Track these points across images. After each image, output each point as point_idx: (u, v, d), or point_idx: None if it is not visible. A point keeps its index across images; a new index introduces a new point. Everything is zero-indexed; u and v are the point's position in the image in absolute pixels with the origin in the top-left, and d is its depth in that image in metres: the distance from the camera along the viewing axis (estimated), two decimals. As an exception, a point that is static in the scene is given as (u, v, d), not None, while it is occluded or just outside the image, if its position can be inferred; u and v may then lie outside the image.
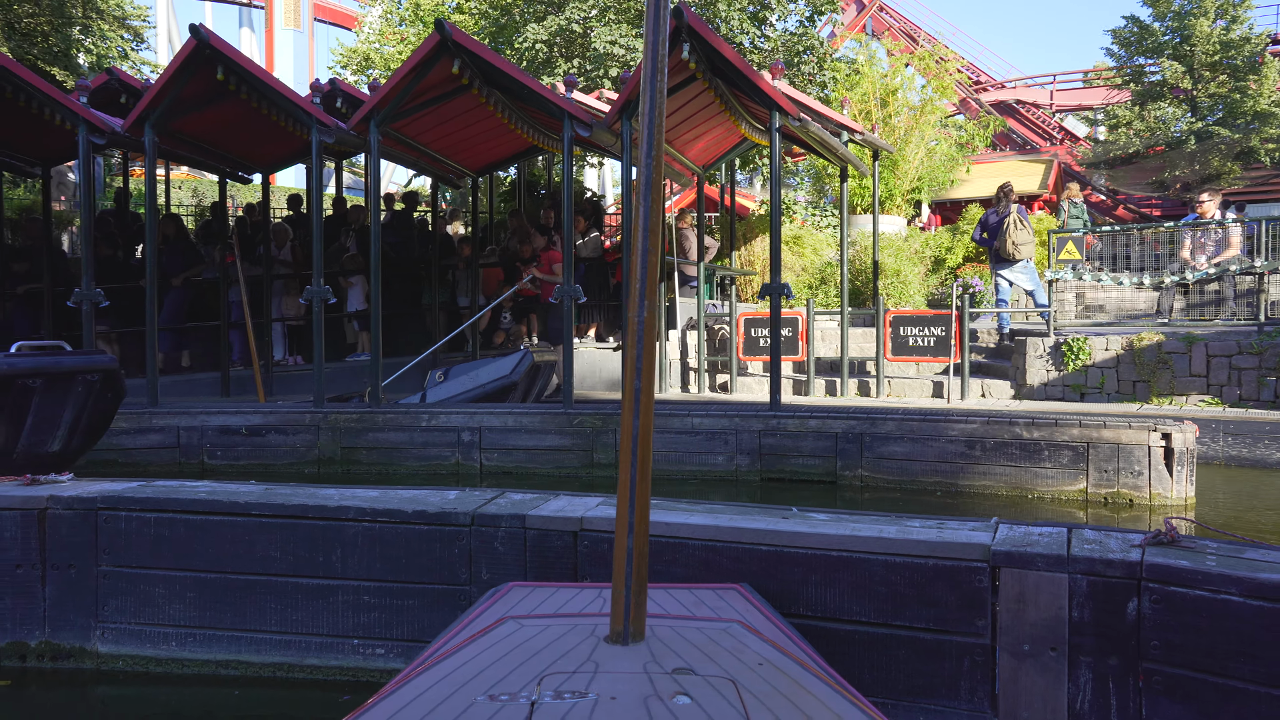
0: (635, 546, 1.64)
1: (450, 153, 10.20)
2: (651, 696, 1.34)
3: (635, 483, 1.65)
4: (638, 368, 1.70)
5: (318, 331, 8.15)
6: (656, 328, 2.04)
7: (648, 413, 1.67)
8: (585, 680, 1.39)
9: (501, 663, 1.46)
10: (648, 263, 1.74)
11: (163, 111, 7.82)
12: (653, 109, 1.81)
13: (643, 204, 1.74)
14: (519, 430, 7.84)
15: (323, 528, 3.26)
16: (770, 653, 1.64)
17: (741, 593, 2.23)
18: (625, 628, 1.60)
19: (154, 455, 7.97)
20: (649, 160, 1.75)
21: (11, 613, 3.45)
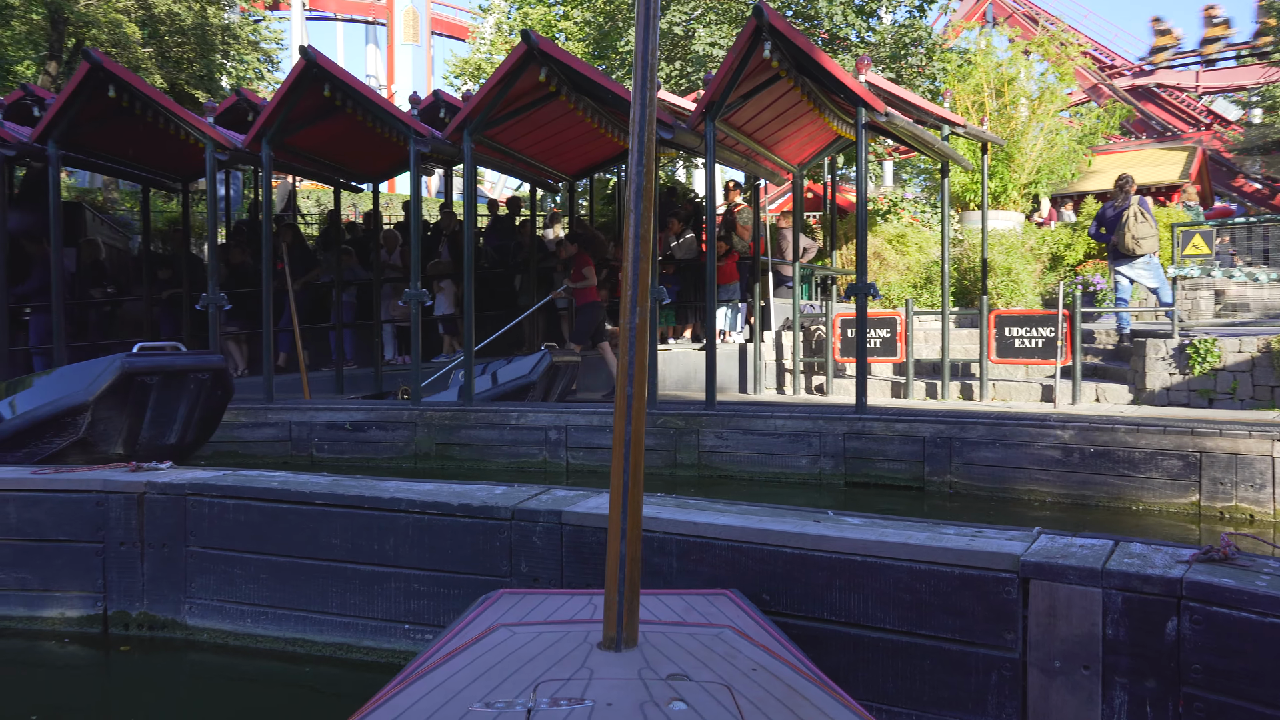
0: (628, 552, 1.66)
1: (546, 158, 10.47)
2: (648, 703, 1.34)
3: (627, 488, 1.66)
4: (630, 373, 1.69)
5: (415, 332, 8.55)
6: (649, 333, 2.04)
7: (640, 417, 1.67)
8: (580, 687, 1.40)
9: (495, 670, 1.47)
10: (639, 270, 1.75)
11: (277, 128, 8.40)
12: (644, 115, 1.81)
13: (633, 212, 1.76)
14: (604, 430, 7.97)
15: (378, 518, 3.46)
16: (763, 657, 1.64)
17: (732, 598, 2.24)
18: (619, 634, 1.60)
19: (268, 448, 8.55)
20: (639, 168, 1.76)
21: (117, 585, 3.82)
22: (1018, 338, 10.06)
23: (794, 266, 11.05)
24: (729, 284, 11.62)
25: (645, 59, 1.83)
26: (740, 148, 9.29)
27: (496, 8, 21.87)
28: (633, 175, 1.75)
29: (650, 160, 1.76)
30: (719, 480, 7.61)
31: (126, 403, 5.93)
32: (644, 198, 1.74)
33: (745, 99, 8.01)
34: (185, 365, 6.19)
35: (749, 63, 7.36)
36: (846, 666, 2.72)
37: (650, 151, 1.76)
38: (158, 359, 6.03)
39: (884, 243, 13.65)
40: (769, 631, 1.98)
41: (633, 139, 1.79)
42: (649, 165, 1.74)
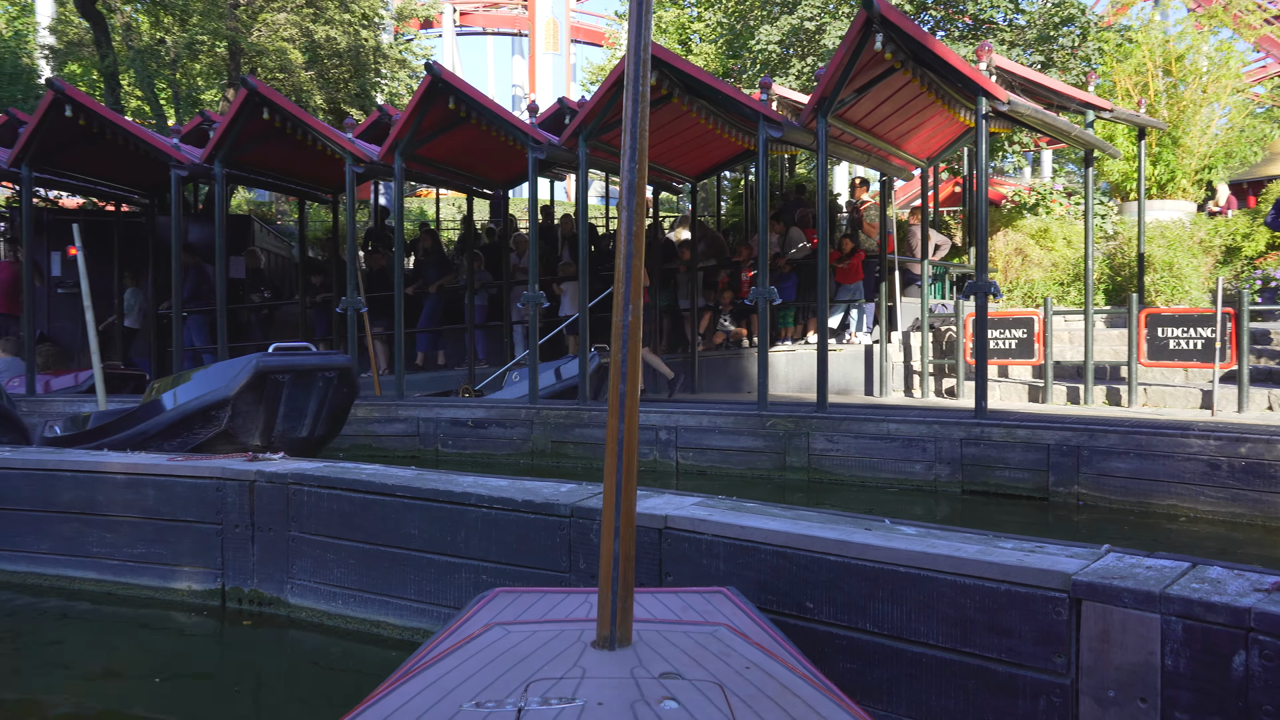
0: (621, 550, 1.67)
1: (665, 160, 10.56)
2: (639, 701, 1.34)
3: (620, 488, 1.67)
4: (623, 371, 1.69)
5: (533, 332, 8.85)
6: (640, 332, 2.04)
7: (632, 416, 1.68)
8: (572, 686, 1.40)
9: (488, 669, 1.48)
10: (632, 266, 1.75)
11: (408, 140, 8.92)
12: (635, 115, 1.80)
13: (626, 210, 1.76)
14: (712, 431, 7.96)
15: (451, 510, 3.64)
16: (757, 656, 1.63)
17: (728, 596, 2.21)
18: (612, 632, 1.60)
19: (398, 442, 9.10)
20: (632, 166, 1.75)
21: (233, 563, 4.21)
22: (1172, 339, 9.22)
23: (923, 264, 10.61)
24: (854, 283, 11.31)
25: (638, 55, 1.81)
26: (860, 143, 9.02)
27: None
28: (625, 173, 1.74)
29: (643, 157, 1.75)
30: (829, 485, 7.44)
31: (262, 398, 6.44)
32: (636, 194, 1.74)
33: (860, 93, 7.78)
34: (314, 364, 6.67)
35: (861, 56, 7.15)
36: (889, 681, 2.62)
37: (643, 149, 1.75)
38: (289, 359, 6.53)
39: (1026, 238, 12.84)
40: (765, 630, 1.95)
41: (625, 136, 1.78)
42: (641, 163, 1.74)
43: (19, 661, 3.88)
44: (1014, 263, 12.87)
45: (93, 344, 7.90)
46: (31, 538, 4.63)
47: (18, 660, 3.89)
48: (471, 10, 33.47)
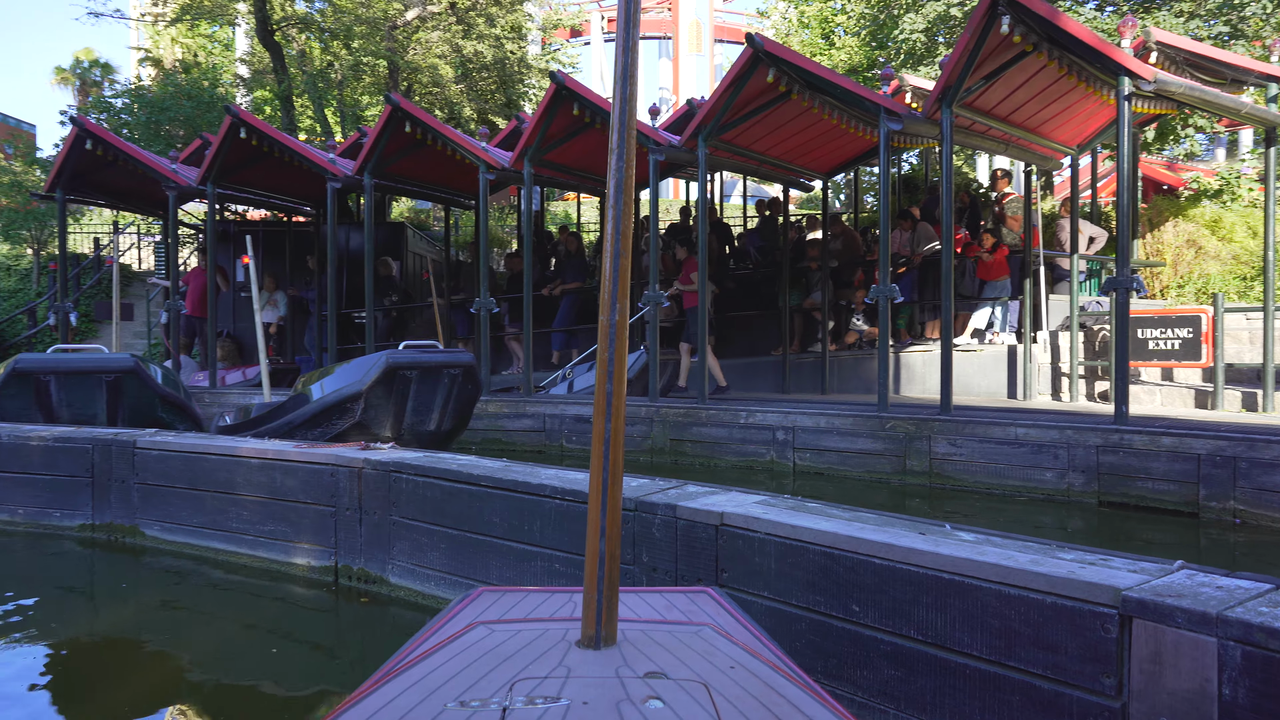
0: (607, 549, 1.66)
1: (793, 157, 10.41)
2: (624, 701, 1.33)
3: (607, 486, 1.67)
4: (610, 370, 1.69)
5: (652, 331, 8.97)
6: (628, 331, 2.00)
7: (619, 415, 1.68)
8: (557, 685, 1.39)
9: (472, 668, 1.47)
10: (619, 266, 1.73)
11: (536, 146, 9.28)
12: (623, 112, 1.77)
13: (613, 208, 1.75)
14: (830, 432, 7.80)
15: (528, 501, 3.79)
16: (741, 655, 1.62)
17: (712, 595, 2.19)
18: (597, 632, 1.59)
19: (525, 437, 9.48)
20: (620, 164, 1.73)
21: (343, 543, 4.57)
22: (1372, 339, 8.16)
23: (1072, 259, 9.90)
24: (997, 280, 10.72)
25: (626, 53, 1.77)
26: (996, 133, 8.55)
27: (774, 9, 21.96)
28: (612, 171, 1.73)
29: (630, 155, 1.73)
30: (950, 492, 7.11)
31: (392, 392, 6.90)
32: (624, 193, 1.73)
33: (990, 80, 7.38)
34: (439, 362, 7.07)
35: (987, 41, 6.80)
36: (932, 691, 2.53)
37: (631, 147, 1.73)
38: (416, 356, 6.96)
39: (1199, 228, 11.69)
40: (749, 629, 1.94)
41: (613, 134, 1.77)
42: (629, 160, 1.72)
43: (172, 614, 4.39)
44: (1185, 255, 11.76)
45: (260, 342, 8.73)
46: (186, 512, 5.21)
47: (171, 614, 4.40)
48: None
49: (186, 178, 10.77)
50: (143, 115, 15.25)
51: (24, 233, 16.54)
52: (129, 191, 12.30)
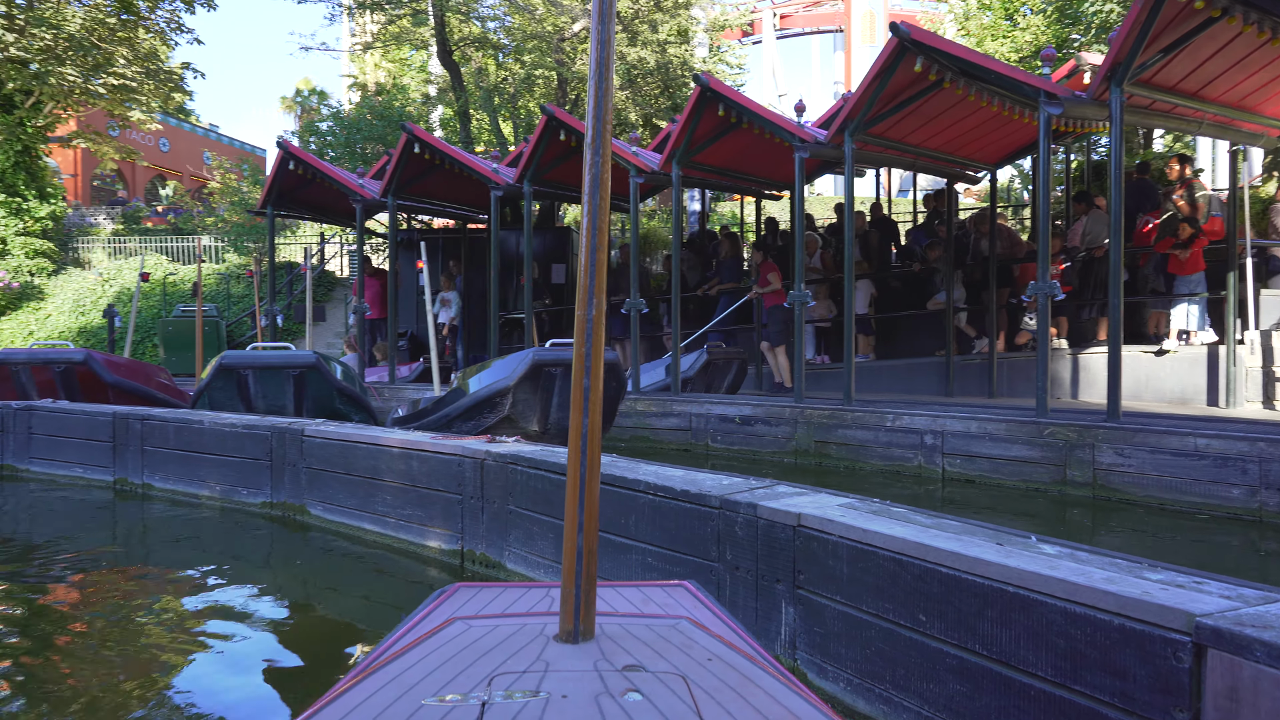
0: (585, 544, 1.67)
1: (954, 148, 9.90)
2: (603, 694, 1.33)
3: (585, 480, 1.69)
4: (586, 365, 1.69)
5: (797, 330, 8.84)
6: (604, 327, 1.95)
7: (596, 411, 1.69)
8: (536, 680, 1.39)
9: (450, 664, 1.46)
10: (596, 260, 1.72)
11: (683, 149, 9.40)
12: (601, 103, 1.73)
13: (591, 201, 1.71)
14: (982, 437, 7.38)
15: (625, 495, 3.90)
16: (719, 648, 1.61)
17: (689, 589, 2.15)
18: (575, 626, 1.59)
19: (672, 436, 9.61)
20: (596, 158, 1.70)
21: (468, 529, 4.89)
22: None
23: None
24: (1194, 274, 9.69)
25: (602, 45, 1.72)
26: (1182, 111, 7.72)
27: (951, -6, 20.87)
28: (588, 164, 1.70)
29: (606, 151, 1.71)
30: (1116, 506, 6.53)
31: (538, 388, 7.22)
32: (600, 188, 1.70)
33: (1169, 52, 6.69)
34: None
35: (1163, 10, 6.17)
36: (997, 710, 2.38)
37: (606, 142, 1.71)
38: (561, 353, 7.24)
39: None
40: (725, 622, 1.92)
41: (589, 125, 1.75)
42: (605, 154, 1.71)
43: (326, 585, 4.88)
44: None
45: (431, 340, 9.43)
46: (342, 494, 5.75)
47: (326, 584, 4.89)
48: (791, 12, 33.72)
49: (371, 191, 11.79)
50: (341, 135, 16.85)
51: (249, 244, 18.71)
52: (327, 206, 13.63)
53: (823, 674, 3.00)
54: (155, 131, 30.12)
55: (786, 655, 3.16)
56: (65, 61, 18.84)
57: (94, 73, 19.34)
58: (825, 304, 12.47)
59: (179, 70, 22.13)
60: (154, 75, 20.56)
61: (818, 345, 12.94)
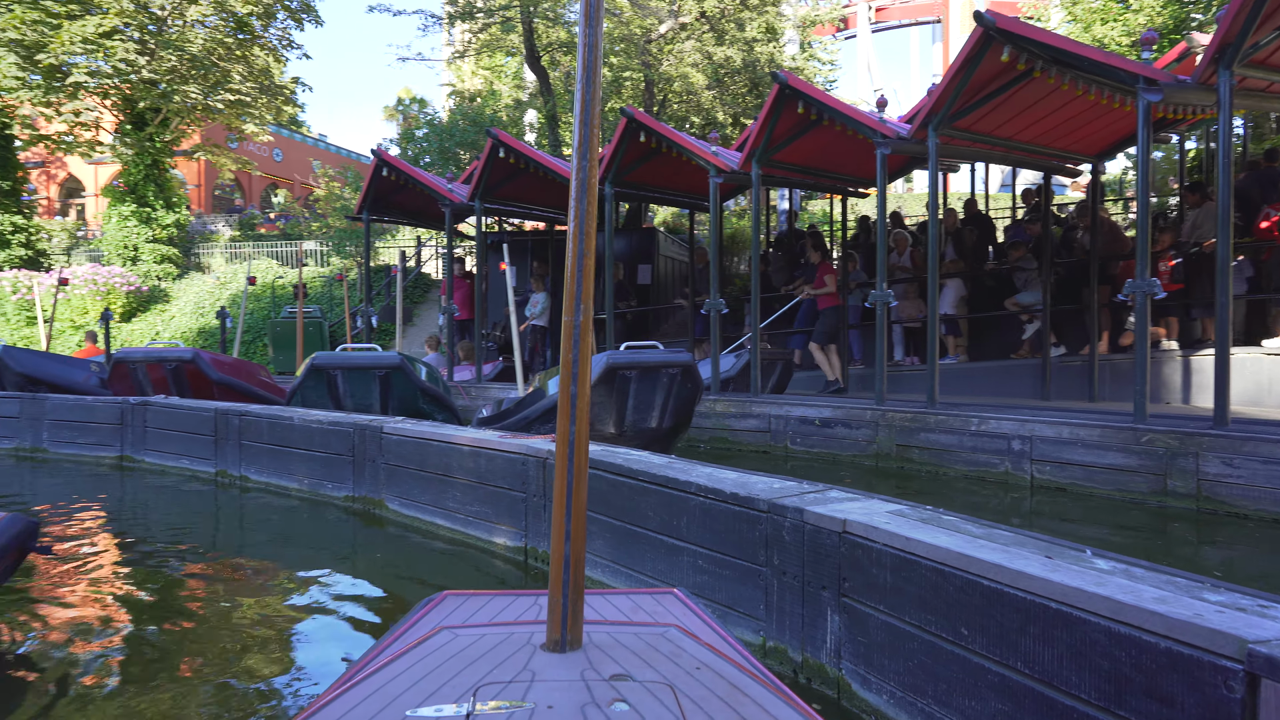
0: (572, 552, 1.67)
1: (1050, 140, 9.43)
2: (589, 704, 1.33)
3: (572, 489, 1.69)
4: (574, 372, 1.69)
5: (880, 332, 8.60)
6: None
7: (583, 417, 1.69)
8: (522, 690, 1.38)
9: (436, 674, 1.45)
10: (584, 265, 1.72)
11: (763, 148, 9.28)
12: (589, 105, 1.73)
13: (579, 204, 1.71)
14: (1074, 443, 7.03)
15: (676, 497, 3.88)
16: (707, 656, 1.60)
17: (678, 596, 2.09)
18: (563, 635, 1.59)
19: (751, 438, 9.51)
20: (584, 161, 1.70)
21: (531, 527, 4.97)
22: None
23: None
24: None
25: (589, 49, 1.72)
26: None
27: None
28: (576, 167, 1.70)
29: (594, 153, 1.70)
30: (1223, 519, 6.09)
31: (613, 391, 7.26)
32: (588, 192, 1.71)
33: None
34: (658, 361, 7.30)
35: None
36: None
37: (594, 144, 1.70)
38: (635, 356, 7.25)
39: None
40: (715, 630, 1.87)
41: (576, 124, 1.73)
42: (592, 158, 1.70)
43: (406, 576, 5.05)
44: None
45: (515, 341, 9.62)
46: (417, 490, 5.94)
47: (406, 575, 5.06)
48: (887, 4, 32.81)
49: (460, 195, 12.12)
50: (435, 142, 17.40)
51: (350, 248, 19.54)
52: (419, 210, 14.10)
53: (866, 685, 2.92)
54: (269, 142, 31.84)
55: (832, 664, 3.08)
56: (189, 80, 20.12)
57: (213, 90, 20.59)
58: (914, 304, 12.10)
59: (290, 85, 23.32)
60: (266, 90, 21.71)
61: (906, 347, 12.57)
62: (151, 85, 20.29)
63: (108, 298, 20.30)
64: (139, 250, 22.12)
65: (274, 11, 21.23)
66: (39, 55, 18.78)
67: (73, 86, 19.69)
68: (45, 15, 18.88)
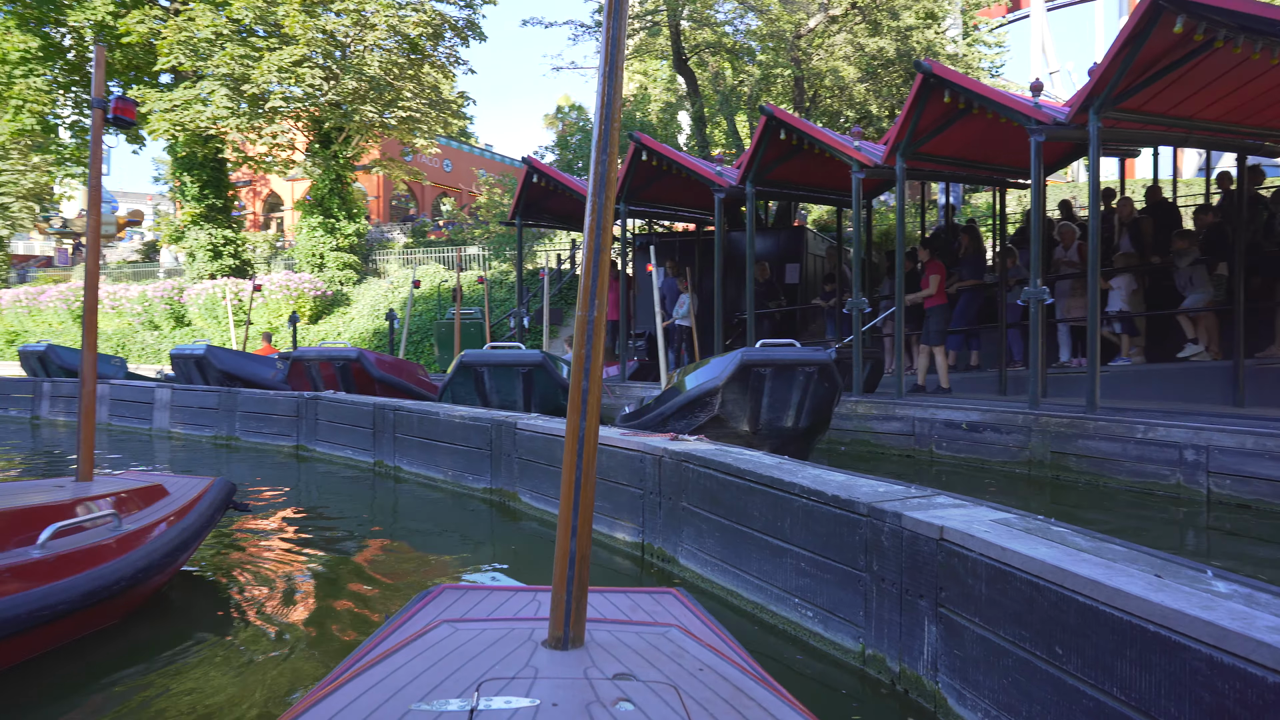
0: (577, 550, 1.65)
1: (1242, 116, 8.50)
2: (594, 703, 1.32)
3: (579, 485, 1.67)
4: (585, 369, 1.68)
5: (1034, 333, 8.06)
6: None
7: (593, 414, 1.67)
8: (525, 686, 1.37)
9: (437, 668, 1.43)
10: (600, 261, 1.71)
11: (908, 140, 8.92)
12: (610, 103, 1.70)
13: (597, 199, 1.69)
14: (1261, 455, 6.34)
15: (780, 498, 3.83)
16: (709, 657, 1.59)
17: (678, 596, 2.01)
18: (565, 632, 1.58)
19: (894, 440, 9.17)
20: (603, 156, 1.67)
21: (648, 523, 5.04)
22: None
23: None
24: None
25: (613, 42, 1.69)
26: None
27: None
28: (594, 162, 1.68)
29: (614, 146, 1.67)
30: None
31: (747, 389, 7.19)
32: (606, 187, 1.69)
33: None
34: (794, 360, 7.17)
35: None
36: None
37: (613, 143, 1.67)
38: (771, 353, 7.16)
39: None
40: (715, 631, 1.82)
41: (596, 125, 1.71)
42: (611, 153, 1.67)
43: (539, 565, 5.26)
44: None
45: (660, 339, 9.79)
46: (545, 484, 6.17)
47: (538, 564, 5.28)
48: (1066, -20, 30.43)
49: (605, 199, 12.43)
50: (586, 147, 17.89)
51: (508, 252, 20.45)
52: (569, 214, 14.57)
53: (961, 701, 2.77)
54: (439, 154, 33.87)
55: (929, 677, 2.95)
56: (366, 100, 21.77)
57: (388, 107, 22.17)
58: (1081, 301, 11.22)
59: (458, 100, 24.72)
60: (435, 105, 23.12)
61: (1074, 347, 11.68)
62: (335, 106, 22.10)
63: (297, 302, 22.31)
64: (324, 258, 24.15)
65: (442, 32, 22.56)
66: (244, 86, 20.92)
67: (271, 112, 21.78)
68: (250, 50, 21.01)
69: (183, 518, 4.34)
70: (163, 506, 4.41)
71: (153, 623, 3.97)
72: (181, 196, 25.41)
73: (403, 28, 21.35)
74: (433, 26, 21.90)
